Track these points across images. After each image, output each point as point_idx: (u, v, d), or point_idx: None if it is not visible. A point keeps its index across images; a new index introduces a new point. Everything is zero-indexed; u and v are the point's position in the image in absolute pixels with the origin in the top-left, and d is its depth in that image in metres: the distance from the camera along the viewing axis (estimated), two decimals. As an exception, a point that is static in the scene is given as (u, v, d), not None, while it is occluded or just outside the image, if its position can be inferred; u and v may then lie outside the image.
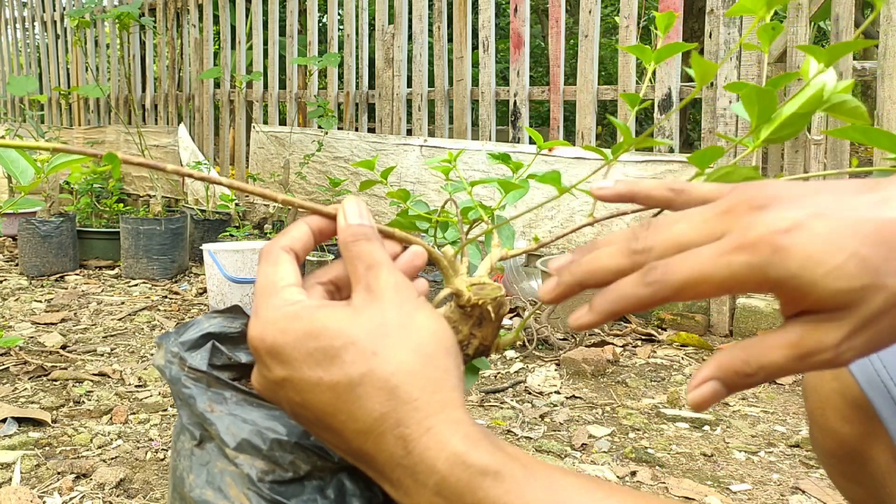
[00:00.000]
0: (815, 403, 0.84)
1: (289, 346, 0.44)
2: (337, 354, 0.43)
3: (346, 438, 0.45)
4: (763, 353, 0.40)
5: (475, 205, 0.71)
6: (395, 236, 0.52)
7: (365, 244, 0.48)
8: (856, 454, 0.81)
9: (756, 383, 0.41)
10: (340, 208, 0.50)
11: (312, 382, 0.44)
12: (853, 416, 0.79)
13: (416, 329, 0.45)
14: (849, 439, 0.80)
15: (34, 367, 2.24)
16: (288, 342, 0.44)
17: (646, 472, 1.66)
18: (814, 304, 0.38)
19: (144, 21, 4.25)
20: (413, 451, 0.42)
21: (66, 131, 5.99)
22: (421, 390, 0.43)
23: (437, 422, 0.42)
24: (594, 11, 3.32)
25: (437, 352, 0.44)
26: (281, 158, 4.48)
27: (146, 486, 1.56)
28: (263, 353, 0.46)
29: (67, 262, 3.74)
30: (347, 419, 0.43)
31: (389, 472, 0.43)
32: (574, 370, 2.34)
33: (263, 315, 0.46)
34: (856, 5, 2.77)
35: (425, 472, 0.41)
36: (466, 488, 0.40)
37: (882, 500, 0.82)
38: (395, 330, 0.44)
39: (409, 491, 0.42)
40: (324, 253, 3.35)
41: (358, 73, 4.31)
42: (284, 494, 0.60)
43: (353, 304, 0.46)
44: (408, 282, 0.47)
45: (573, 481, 0.41)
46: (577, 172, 3.25)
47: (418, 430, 0.42)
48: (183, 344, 0.79)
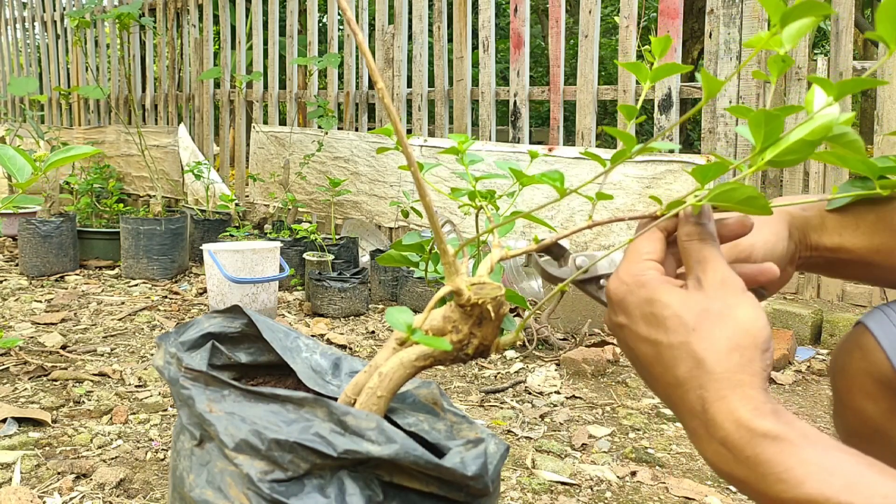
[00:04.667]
0: (841, 383, 0.85)
1: (632, 305, 0.58)
2: (664, 321, 0.56)
3: (660, 385, 0.57)
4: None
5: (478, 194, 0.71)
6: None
7: (697, 243, 0.59)
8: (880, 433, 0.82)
9: None
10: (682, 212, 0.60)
11: (642, 336, 0.57)
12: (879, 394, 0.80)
13: (733, 320, 0.54)
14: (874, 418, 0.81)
15: (34, 367, 2.24)
16: (632, 301, 0.58)
17: (646, 472, 1.66)
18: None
19: (144, 21, 4.25)
20: (708, 410, 0.53)
21: (66, 131, 5.99)
22: (723, 368, 0.53)
23: (731, 394, 0.52)
24: (594, 11, 3.32)
25: (746, 342, 0.54)
26: (281, 158, 4.47)
27: (146, 486, 1.56)
28: (615, 302, 0.60)
29: (67, 262, 3.73)
30: (663, 371, 0.56)
31: (688, 420, 0.55)
32: (574, 370, 2.34)
33: (622, 275, 0.60)
34: (856, 5, 2.77)
35: (714, 427, 0.52)
36: (747, 445, 0.50)
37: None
38: (715, 316, 0.55)
39: (700, 438, 0.54)
40: (323, 253, 3.35)
41: (358, 73, 4.31)
42: (284, 494, 0.60)
43: (687, 289, 0.58)
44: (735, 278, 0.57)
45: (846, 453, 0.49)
46: (577, 172, 3.25)
47: (714, 396, 0.52)
48: (182, 344, 0.79)
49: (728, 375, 0.53)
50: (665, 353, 0.56)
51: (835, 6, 2.74)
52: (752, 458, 0.50)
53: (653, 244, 0.60)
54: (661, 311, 0.56)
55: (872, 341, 0.79)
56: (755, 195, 0.54)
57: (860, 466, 0.48)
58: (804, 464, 0.48)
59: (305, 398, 0.64)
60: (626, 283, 0.59)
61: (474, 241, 0.69)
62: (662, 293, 0.57)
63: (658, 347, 0.56)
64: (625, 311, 0.59)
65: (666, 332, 0.56)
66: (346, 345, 2.63)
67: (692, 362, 0.54)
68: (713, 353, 0.53)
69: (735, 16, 2.94)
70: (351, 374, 0.81)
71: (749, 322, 0.54)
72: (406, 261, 0.74)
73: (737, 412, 0.51)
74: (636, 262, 0.59)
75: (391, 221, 3.98)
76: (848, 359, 0.84)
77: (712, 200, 0.57)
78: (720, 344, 0.54)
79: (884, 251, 0.69)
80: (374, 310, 3.17)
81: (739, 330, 0.54)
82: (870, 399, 0.81)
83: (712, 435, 0.52)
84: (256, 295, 2.91)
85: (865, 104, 9.01)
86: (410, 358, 0.64)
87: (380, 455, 0.59)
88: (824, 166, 2.80)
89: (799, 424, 0.51)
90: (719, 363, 0.53)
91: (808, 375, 2.37)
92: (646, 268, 0.59)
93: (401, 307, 0.62)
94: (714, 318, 0.54)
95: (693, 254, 0.58)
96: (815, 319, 2.69)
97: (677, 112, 3.14)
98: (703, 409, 0.53)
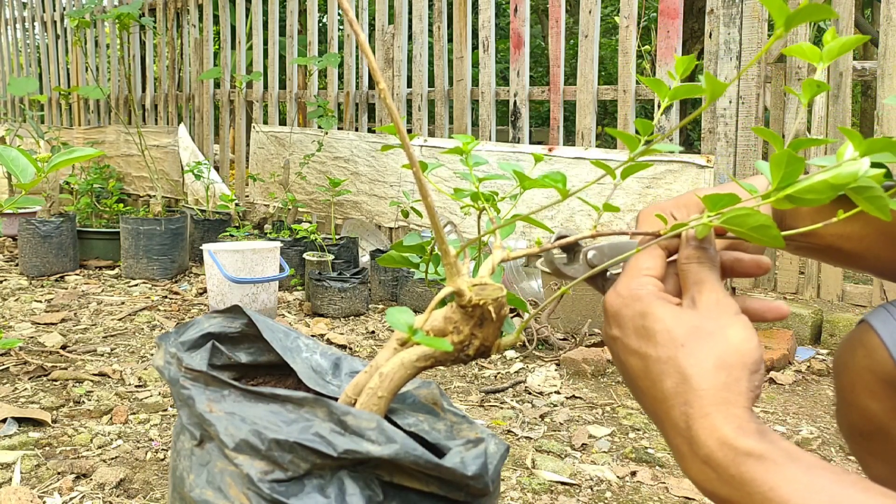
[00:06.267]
0: (845, 381, 0.85)
1: (626, 318, 0.59)
2: (654, 335, 0.56)
3: (647, 398, 0.58)
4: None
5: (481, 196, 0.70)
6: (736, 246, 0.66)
7: (696, 265, 0.60)
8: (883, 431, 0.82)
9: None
10: (685, 234, 0.61)
11: (632, 349, 0.58)
12: (883, 392, 0.80)
13: (723, 339, 0.55)
14: (877, 416, 0.82)
15: (34, 368, 2.24)
16: (626, 314, 0.59)
17: (646, 472, 1.66)
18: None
19: (144, 21, 4.25)
20: (691, 427, 0.53)
21: (66, 131, 5.99)
22: (708, 385, 0.53)
23: (715, 411, 0.52)
24: (594, 11, 3.32)
25: (734, 362, 0.54)
26: (281, 158, 4.47)
27: (146, 486, 1.56)
28: (610, 314, 0.61)
29: (67, 262, 3.73)
30: (649, 385, 0.57)
31: (672, 436, 0.55)
32: (574, 370, 2.34)
33: (620, 288, 0.60)
34: (856, 5, 2.77)
35: (698, 445, 0.52)
36: (731, 464, 0.50)
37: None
38: (706, 335, 0.55)
39: (684, 457, 0.54)
40: (323, 253, 3.35)
41: (358, 73, 4.31)
42: (285, 494, 0.60)
43: (681, 306, 0.58)
44: (729, 300, 0.58)
45: (830, 472, 0.49)
46: (577, 172, 3.25)
47: (698, 413, 0.53)
48: (182, 344, 0.79)
49: (713, 393, 0.53)
50: (653, 367, 0.56)
51: (835, 6, 2.74)
52: (736, 478, 0.50)
53: (653, 260, 0.61)
54: (653, 324, 0.57)
55: (876, 339, 0.79)
56: (768, 224, 0.54)
57: (844, 485, 0.48)
58: (789, 482, 0.49)
59: (305, 398, 0.64)
60: (622, 296, 0.60)
61: (476, 241, 0.69)
62: (656, 307, 0.57)
63: (646, 361, 0.57)
64: (619, 323, 0.60)
65: (655, 346, 0.56)
66: (346, 345, 2.63)
67: (678, 377, 0.54)
68: (699, 369, 0.54)
69: (735, 16, 2.94)
70: (351, 375, 0.81)
71: (739, 342, 0.55)
72: (406, 262, 0.74)
73: (720, 430, 0.51)
74: (635, 276, 0.60)
75: (391, 221, 3.98)
76: (851, 357, 0.84)
77: (724, 224, 0.56)
78: (707, 362, 0.54)
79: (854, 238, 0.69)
80: (374, 310, 3.17)
81: (729, 349, 0.54)
82: (874, 397, 0.82)
83: (696, 453, 0.52)
84: (256, 295, 2.91)
85: (865, 104, 9.00)
86: (411, 358, 0.64)
87: (380, 455, 0.59)
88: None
89: (783, 443, 0.51)
90: (705, 380, 0.53)
91: (808, 375, 2.37)
92: (643, 283, 0.60)
93: (401, 307, 0.62)
94: (704, 335, 0.55)
95: (691, 276, 0.59)
96: (815, 319, 2.69)
97: (677, 112, 3.14)
98: (687, 425, 0.53)
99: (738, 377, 0.53)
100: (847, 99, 2.75)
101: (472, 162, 0.76)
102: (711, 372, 0.53)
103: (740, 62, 2.93)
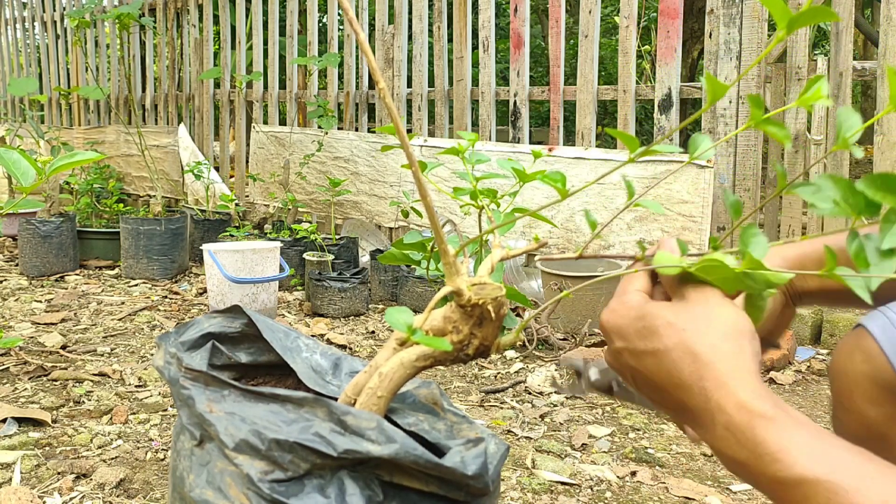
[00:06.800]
0: (842, 386, 0.85)
1: (625, 327, 0.62)
2: (657, 330, 0.60)
3: (668, 392, 0.60)
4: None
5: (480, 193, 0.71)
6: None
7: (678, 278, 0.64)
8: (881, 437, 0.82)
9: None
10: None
11: (640, 350, 0.61)
12: (882, 399, 0.80)
13: (717, 318, 0.59)
14: (875, 422, 0.81)
15: (34, 367, 2.24)
16: (624, 323, 0.62)
17: (646, 472, 1.66)
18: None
19: (144, 21, 4.25)
20: (711, 399, 0.56)
21: (66, 131, 5.99)
22: (718, 359, 0.57)
23: (730, 379, 0.56)
24: (594, 11, 3.32)
25: (734, 334, 0.58)
26: (281, 158, 4.47)
27: (146, 486, 1.56)
28: (610, 330, 0.64)
29: (67, 262, 3.73)
30: (666, 377, 0.59)
31: (698, 415, 0.58)
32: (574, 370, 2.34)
33: (612, 306, 0.64)
34: (856, 5, 2.77)
35: (719, 413, 0.55)
36: (747, 426, 0.54)
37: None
38: (702, 317, 0.59)
39: (708, 429, 0.57)
40: (323, 253, 3.35)
41: (358, 73, 4.31)
42: (285, 494, 0.60)
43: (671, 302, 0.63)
44: (714, 290, 0.62)
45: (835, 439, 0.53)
46: (577, 172, 3.25)
47: (714, 384, 0.56)
48: (182, 344, 0.79)
49: (724, 363, 0.57)
50: (664, 358, 0.59)
51: (835, 7, 2.74)
52: (751, 440, 0.54)
53: (640, 281, 0.66)
54: (653, 321, 0.61)
55: (873, 344, 0.79)
56: (732, 277, 0.59)
57: (849, 452, 0.52)
58: (797, 445, 0.52)
59: (305, 398, 0.64)
60: (616, 310, 0.64)
61: (475, 241, 0.69)
62: (651, 308, 0.62)
63: (657, 356, 0.60)
64: (620, 334, 0.63)
65: (661, 338, 0.60)
66: (346, 345, 2.63)
67: (690, 358, 0.58)
68: (706, 346, 0.58)
69: (735, 16, 2.94)
70: (351, 374, 0.81)
71: (732, 318, 0.59)
72: (407, 259, 0.74)
73: (737, 395, 0.55)
74: (624, 294, 0.65)
75: (391, 221, 3.98)
76: (848, 361, 0.84)
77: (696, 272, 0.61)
78: (711, 337, 0.58)
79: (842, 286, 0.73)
80: (374, 310, 3.17)
81: (726, 324, 0.59)
82: (872, 403, 0.81)
83: (717, 422, 0.56)
84: (256, 295, 2.91)
85: (865, 104, 9.00)
86: (411, 358, 0.64)
87: (380, 455, 0.59)
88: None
89: (792, 411, 0.55)
90: (713, 353, 0.57)
91: (808, 375, 2.37)
92: (632, 296, 0.64)
93: (401, 307, 0.62)
94: (701, 318, 0.59)
95: (674, 279, 0.64)
96: (815, 319, 2.69)
97: (677, 112, 3.14)
98: (707, 399, 0.56)
99: (741, 345, 0.58)
100: (847, 99, 2.75)
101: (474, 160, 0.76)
102: (717, 345, 0.57)
103: (740, 62, 2.93)
